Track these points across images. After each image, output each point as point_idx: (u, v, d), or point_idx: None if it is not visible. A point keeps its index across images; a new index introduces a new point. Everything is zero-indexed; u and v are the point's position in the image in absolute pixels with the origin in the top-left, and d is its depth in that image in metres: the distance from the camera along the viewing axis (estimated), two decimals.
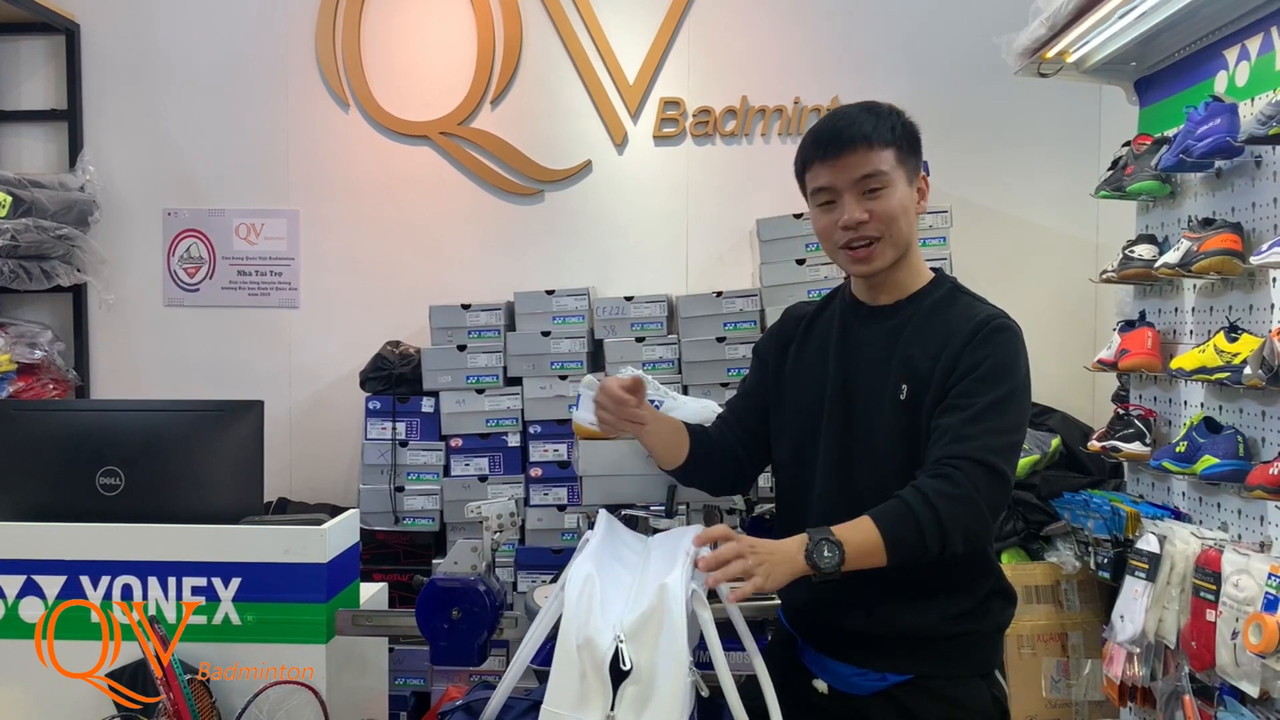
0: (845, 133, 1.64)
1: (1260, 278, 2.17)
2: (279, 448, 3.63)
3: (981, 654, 1.68)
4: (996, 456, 1.54)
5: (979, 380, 1.58)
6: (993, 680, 1.68)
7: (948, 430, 1.57)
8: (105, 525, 1.81)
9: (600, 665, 1.33)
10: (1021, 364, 1.63)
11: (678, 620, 1.36)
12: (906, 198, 1.67)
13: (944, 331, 1.64)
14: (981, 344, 1.61)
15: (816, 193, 1.70)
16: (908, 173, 1.68)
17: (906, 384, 1.64)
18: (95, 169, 3.66)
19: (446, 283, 3.62)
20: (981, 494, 1.52)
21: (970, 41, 3.41)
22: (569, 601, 1.38)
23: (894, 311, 1.72)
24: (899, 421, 1.65)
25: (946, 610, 1.63)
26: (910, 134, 1.69)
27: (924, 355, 1.64)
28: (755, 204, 3.56)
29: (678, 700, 1.33)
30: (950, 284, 1.74)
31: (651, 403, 2.05)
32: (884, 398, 1.66)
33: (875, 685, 1.66)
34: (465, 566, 1.74)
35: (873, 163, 1.64)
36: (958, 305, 1.69)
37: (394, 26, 3.70)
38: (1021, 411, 1.63)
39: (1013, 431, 1.60)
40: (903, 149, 1.67)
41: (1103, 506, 2.65)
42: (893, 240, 1.67)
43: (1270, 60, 2.16)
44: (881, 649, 1.66)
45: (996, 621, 1.69)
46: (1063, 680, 2.93)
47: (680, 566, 1.45)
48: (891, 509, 1.53)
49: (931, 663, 1.64)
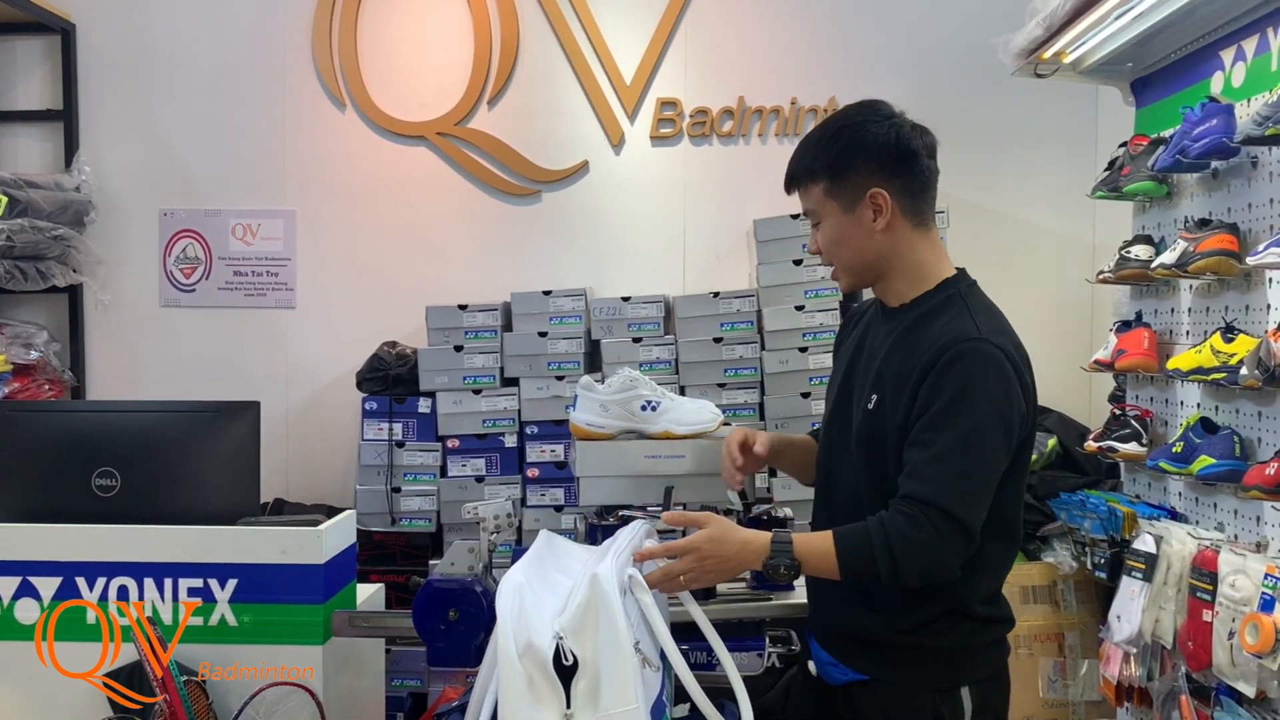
0: (790, 172, 1.74)
1: (1256, 278, 2.17)
2: (275, 448, 3.62)
3: (935, 668, 1.65)
4: (958, 505, 1.53)
5: (938, 415, 1.56)
6: (952, 696, 1.64)
7: (915, 469, 1.57)
8: (101, 526, 1.81)
9: (545, 666, 1.33)
10: (988, 389, 1.56)
11: (614, 606, 1.38)
12: (843, 226, 1.68)
13: (916, 350, 1.62)
14: (941, 373, 1.57)
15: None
16: (842, 201, 1.67)
17: (876, 394, 1.67)
18: (91, 169, 3.65)
19: (443, 283, 3.62)
20: (944, 542, 1.53)
21: (967, 42, 3.41)
22: (502, 612, 1.37)
23: (898, 314, 1.72)
24: (865, 429, 1.68)
25: (896, 620, 1.65)
26: (838, 162, 1.67)
27: (893, 370, 1.65)
28: (752, 204, 3.56)
29: (628, 685, 1.34)
30: (955, 290, 1.69)
31: (651, 405, 2.06)
32: (862, 401, 1.70)
33: (841, 678, 1.73)
34: (462, 567, 1.74)
35: (806, 200, 1.73)
36: (940, 320, 1.64)
37: (391, 27, 3.69)
38: (990, 444, 1.56)
39: (978, 470, 1.56)
40: (831, 178, 1.67)
41: (1099, 507, 2.65)
42: (844, 266, 1.73)
43: (1266, 61, 2.17)
44: (847, 646, 1.72)
45: (959, 640, 1.66)
46: (1060, 680, 2.94)
47: (610, 556, 1.48)
48: (854, 535, 1.58)
49: (882, 667, 1.67)
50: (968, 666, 1.67)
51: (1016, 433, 1.60)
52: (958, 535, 1.54)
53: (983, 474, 1.57)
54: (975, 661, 1.68)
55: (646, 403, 2.06)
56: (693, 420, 2.08)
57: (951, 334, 1.59)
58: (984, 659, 1.69)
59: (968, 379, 1.56)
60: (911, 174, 1.67)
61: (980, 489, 1.57)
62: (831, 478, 1.79)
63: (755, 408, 3.31)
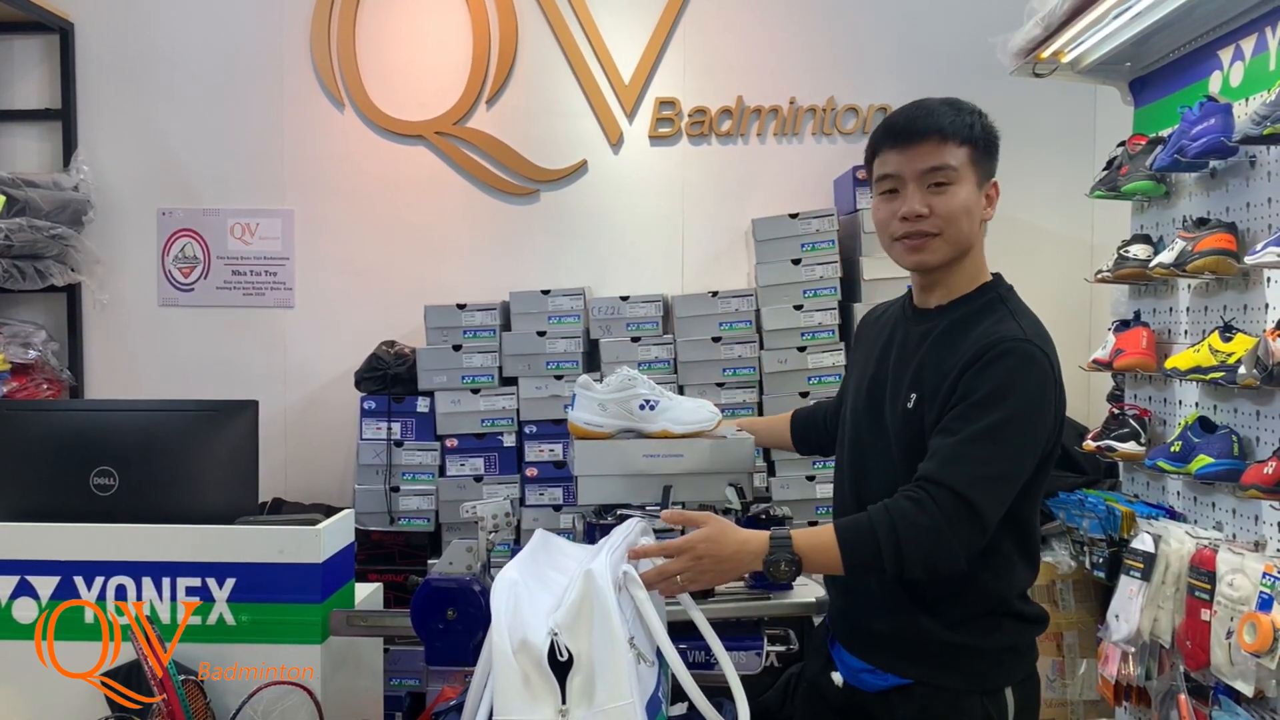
0: (920, 122, 1.62)
1: (1254, 277, 2.17)
2: (274, 448, 3.62)
3: (980, 670, 1.63)
4: (974, 490, 1.49)
5: (973, 405, 1.53)
6: (996, 697, 1.62)
7: (934, 452, 1.54)
8: (99, 525, 1.80)
9: (540, 662, 1.34)
10: (1027, 389, 1.54)
11: (608, 602, 1.37)
12: (972, 199, 1.63)
13: (958, 348, 1.59)
14: (983, 369, 1.54)
15: (881, 180, 1.67)
16: (979, 174, 1.64)
17: (915, 393, 1.62)
18: (89, 168, 3.65)
19: (442, 282, 3.62)
20: (951, 527, 1.48)
21: (965, 42, 3.41)
22: (496, 609, 1.37)
23: (935, 315, 1.69)
24: (905, 429, 1.64)
25: (948, 618, 1.62)
26: (989, 137, 1.66)
27: (934, 368, 1.61)
28: (751, 204, 3.56)
29: (622, 680, 1.34)
30: (995, 294, 1.67)
31: (650, 404, 2.06)
32: (898, 402, 1.66)
33: (879, 684, 1.67)
34: (460, 567, 1.74)
35: (943, 156, 1.61)
36: (985, 321, 1.62)
37: (389, 26, 3.69)
38: (1019, 440, 1.53)
39: (1002, 461, 1.52)
40: (978, 149, 1.64)
41: (1098, 506, 2.65)
42: (950, 239, 1.63)
43: (1264, 60, 2.17)
44: (891, 650, 1.67)
45: (1006, 641, 1.64)
46: (1058, 680, 2.94)
47: (605, 553, 1.47)
48: (856, 526, 1.53)
49: (927, 670, 1.64)
50: (1011, 667, 1.65)
51: (1046, 439, 1.58)
52: (965, 521, 1.49)
53: (1006, 467, 1.53)
54: (1017, 661, 1.67)
55: (645, 402, 2.06)
56: (691, 419, 2.08)
57: (997, 334, 1.58)
58: (1025, 659, 1.68)
59: (1008, 376, 1.53)
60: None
61: (1000, 480, 1.52)
62: (863, 479, 1.73)
63: (754, 407, 3.31)
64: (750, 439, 2.09)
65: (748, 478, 2.09)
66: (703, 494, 2.07)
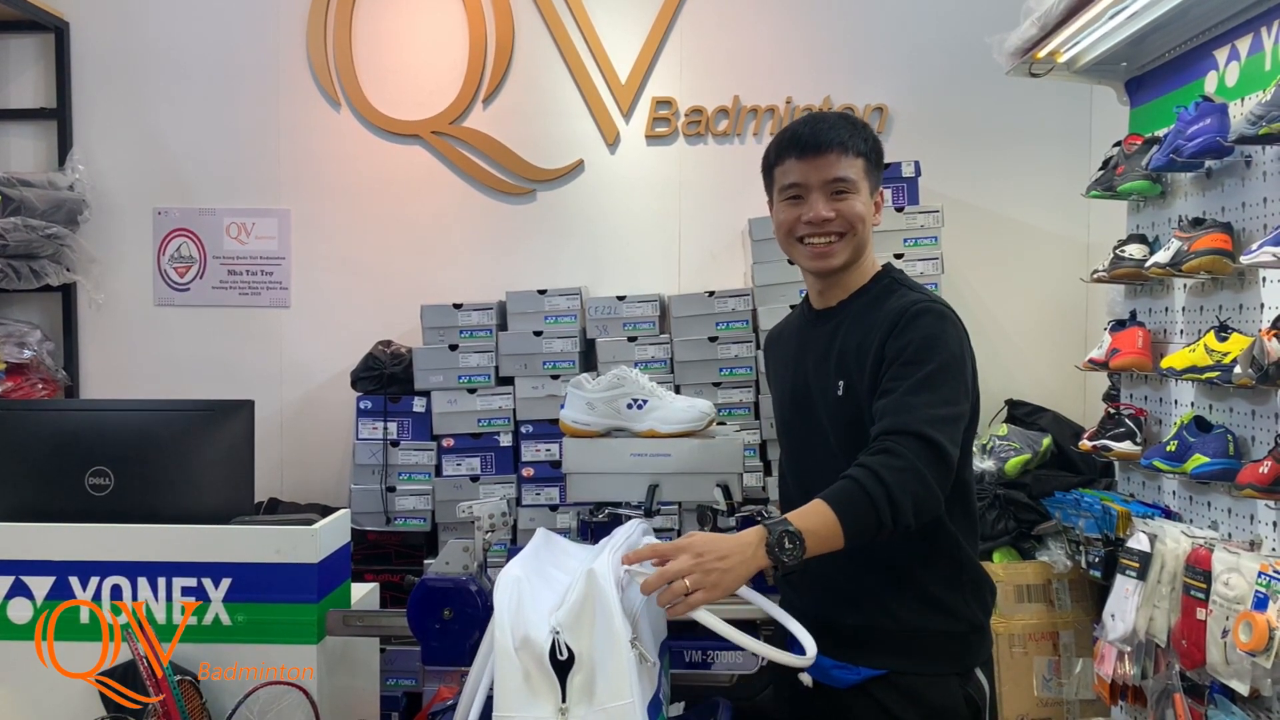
0: (824, 135, 1.75)
1: (1250, 277, 2.17)
2: (270, 447, 3.62)
3: (955, 652, 1.70)
4: (932, 429, 1.56)
5: (904, 364, 1.63)
6: (969, 678, 1.70)
7: (883, 411, 1.61)
8: (94, 525, 1.80)
9: (541, 660, 1.34)
10: (950, 340, 1.66)
11: (610, 601, 1.37)
12: (866, 205, 1.77)
13: (872, 324, 1.70)
14: (904, 329, 1.65)
15: (786, 188, 1.79)
16: (870, 184, 1.78)
17: (841, 380, 1.72)
18: (85, 168, 3.65)
19: (438, 282, 3.62)
20: (926, 465, 1.54)
21: (962, 42, 3.42)
22: (499, 606, 1.37)
23: (838, 310, 1.81)
24: (840, 415, 1.73)
25: (923, 602, 1.68)
26: (878, 150, 1.80)
27: (854, 350, 1.71)
28: (747, 203, 3.55)
29: (624, 679, 1.34)
30: (890, 278, 1.80)
31: (638, 403, 2.07)
32: (828, 395, 1.75)
33: (852, 679, 1.70)
34: (457, 566, 1.73)
35: (844, 168, 1.74)
36: (889, 298, 1.74)
37: (385, 25, 3.69)
38: (956, 384, 1.63)
39: (949, 404, 1.61)
40: (870, 161, 1.78)
41: (1094, 505, 2.66)
42: (853, 241, 1.76)
43: (1260, 60, 2.17)
44: (862, 643, 1.70)
45: (972, 618, 1.71)
46: (1054, 679, 2.94)
47: (607, 553, 1.47)
48: (842, 489, 1.54)
49: (904, 658, 1.68)
50: (978, 647, 1.74)
51: (970, 390, 1.68)
52: (934, 460, 1.55)
53: (952, 408, 1.61)
54: (982, 642, 1.74)
55: (633, 401, 2.07)
56: (679, 419, 2.09)
57: (908, 300, 1.71)
58: (986, 639, 1.76)
59: (929, 330, 1.65)
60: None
61: (951, 420, 1.60)
62: (808, 478, 1.78)
63: (750, 406, 3.31)
64: (739, 438, 2.10)
65: (736, 478, 2.09)
66: (690, 494, 2.07)
